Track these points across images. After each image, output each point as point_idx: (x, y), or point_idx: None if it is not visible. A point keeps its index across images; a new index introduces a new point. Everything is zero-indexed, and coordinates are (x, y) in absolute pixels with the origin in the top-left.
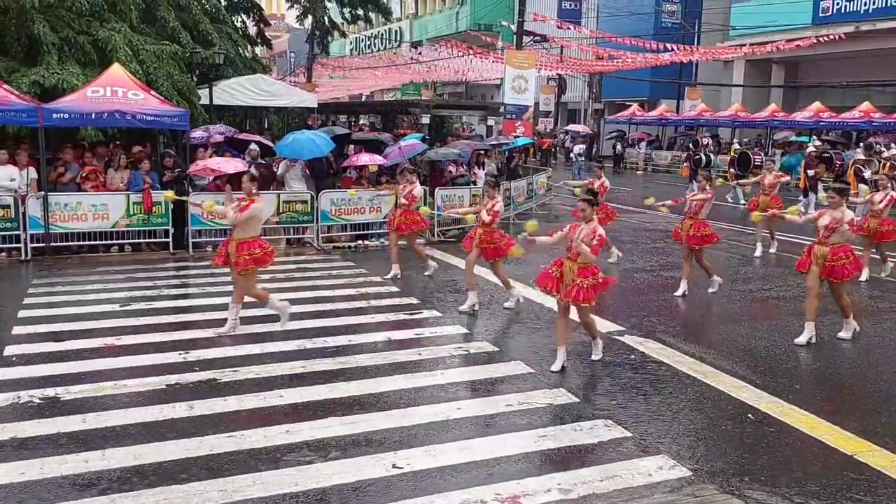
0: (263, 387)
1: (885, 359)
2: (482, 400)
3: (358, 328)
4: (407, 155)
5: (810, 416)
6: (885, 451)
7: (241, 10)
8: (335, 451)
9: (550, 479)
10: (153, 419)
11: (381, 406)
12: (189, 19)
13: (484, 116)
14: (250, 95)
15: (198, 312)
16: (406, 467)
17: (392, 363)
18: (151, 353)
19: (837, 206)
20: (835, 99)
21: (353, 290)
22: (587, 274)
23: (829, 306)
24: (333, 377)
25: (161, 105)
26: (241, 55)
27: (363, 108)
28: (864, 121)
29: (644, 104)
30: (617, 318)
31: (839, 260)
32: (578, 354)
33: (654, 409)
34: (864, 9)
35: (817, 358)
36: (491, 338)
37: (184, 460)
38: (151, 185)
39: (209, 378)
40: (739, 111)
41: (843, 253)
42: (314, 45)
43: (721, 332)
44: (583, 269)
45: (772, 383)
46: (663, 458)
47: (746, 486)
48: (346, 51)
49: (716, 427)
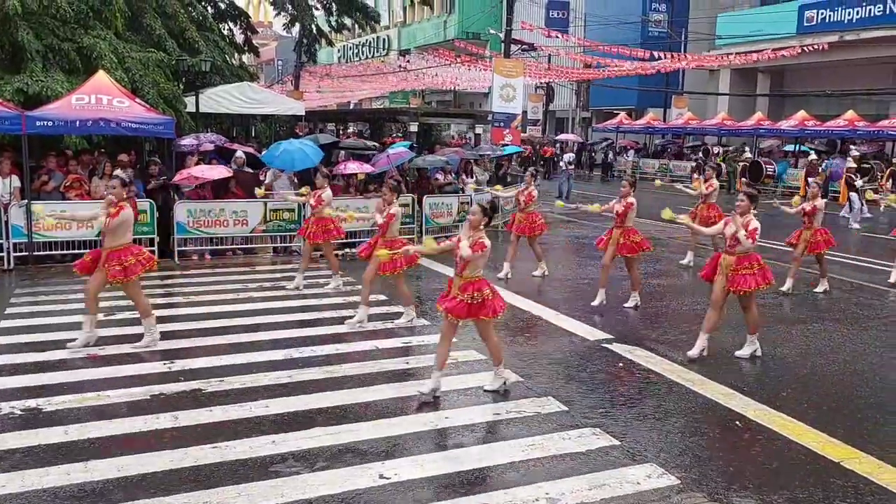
0: (249, 397)
1: (871, 366)
2: (470, 409)
3: (345, 337)
4: (395, 163)
5: (797, 424)
6: (871, 458)
7: (228, 17)
8: (322, 462)
9: (538, 488)
10: (137, 430)
11: (368, 415)
12: (175, 27)
13: (472, 124)
14: (237, 103)
15: (182, 322)
16: (393, 477)
17: (379, 372)
18: (135, 363)
19: (745, 212)
20: (819, 108)
21: (340, 299)
22: (469, 289)
23: (822, 314)
24: (320, 387)
25: (146, 113)
26: (227, 63)
27: (351, 116)
28: (848, 129)
29: (631, 113)
30: (605, 327)
31: (743, 269)
32: (566, 363)
33: (643, 417)
34: (848, 19)
35: (804, 365)
36: (478, 346)
37: (168, 472)
38: (136, 194)
39: (194, 388)
40: (726, 119)
41: (748, 263)
42: (302, 53)
43: (710, 340)
44: (467, 284)
45: (759, 391)
46: (651, 466)
47: (735, 494)
48: (333, 59)
49: (704, 435)
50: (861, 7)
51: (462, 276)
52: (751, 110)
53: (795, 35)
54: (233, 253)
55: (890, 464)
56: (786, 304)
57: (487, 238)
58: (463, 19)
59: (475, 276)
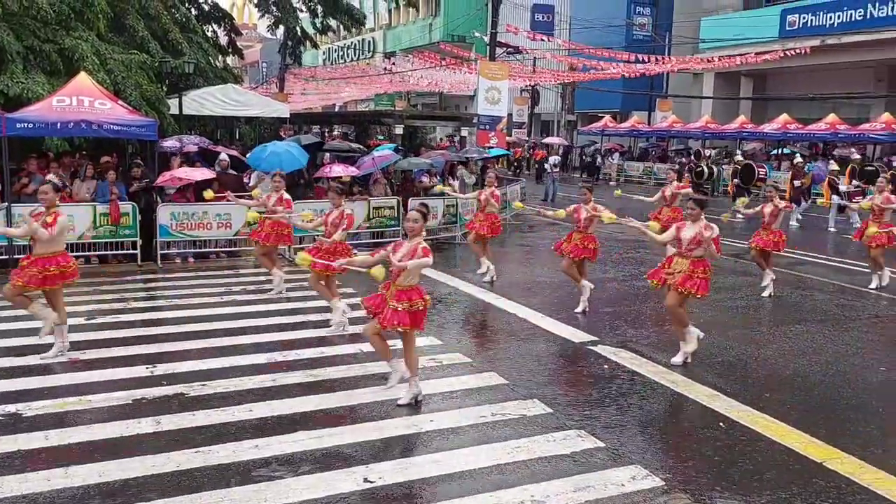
0: (232, 401)
1: (853, 367)
2: (455, 412)
3: (329, 340)
4: (380, 165)
5: (780, 425)
6: (853, 458)
7: (212, 19)
8: (306, 466)
9: (524, 490)
10: (118, 435)
11: (352, 419)
12: (158, 28)
13: (457, 127)
14: (221, 105)
15: (165, 325)
16: (378, 481)
17: (364, 375)
18: (117, 367)
19: (696, 219)
20: (802, 111)
21: (325, 302)
22: (403, 297)
23: (805, 316)
24: (304, 390)
25: (129, 115)
26: (211, 65)
27: (336, 119)
28: (830, 132)
29: (616, 116)
30: (590, 329)
31: (695, 274)
32: (551, 366)
33: (628, 418)
34: (830, 23)
35: (786, 367)
36: (464, 349)
37: (150, 477)
38: (119, 196)
39: (177, 392)
40: (709, 123)
41: (701, 267)
42: (286, 55)
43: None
44: (401, 292)
45: (743, 392)
46: (636, 467)
47: (719, 495)
48: (318, 61)
49: (688, 436)
50: (842, 11)
51: (397, 284)
52: (734, 113)
53: (778, 39)
54: (216, 256)
55: (871, 464)
56: (768, 306)
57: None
58: (448, 22)
59: (411, 283)
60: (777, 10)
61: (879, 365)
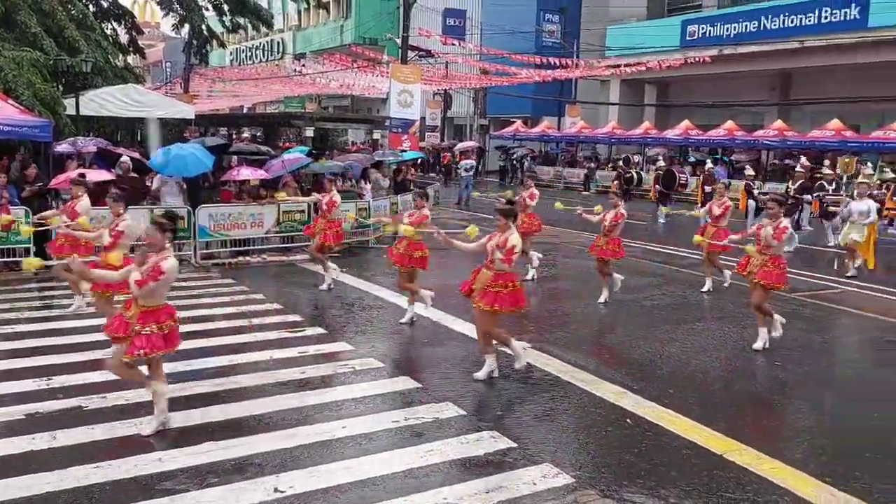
0: (134, 413)
1: (750, 363)
2: (368, 417)
3: (240, 348)
4: (290, 168)
5: (683, 419)
6: (750, 449)
7: (111, 17)
8: (213, 477)
9: (437, 493)
10: (12, 452)
11: (262, 428)
12: (53, 25)
13: (369, 130)
14: (121, 106)
15: (62, 336)
16: (288, 490)
17: (275, 383)
18: (10, 380)
19: (504, 230)
20: (702, 118)
21: (234, 309)
22: (148, 320)
23: (705, 314)
24: (212, 400)
25: (20, 115)
26: (111, 63)
27: (245, 121)
28: (727, 138)
29: (527, 121)
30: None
31: (496, 287)
32: (463, 368)
33: (539, 418)
34: (727, 34)
35: (688, 363)
36: (377, 354)
37: (49, 494)
38: (9, 201)
39: (74, 406)
40: (616, 128)
41: (502, 280)
42: (191, 55)
43: (601, 341)
44: (147, 314)
45: (648, 389)
46: (547, 466)
47: (626, 490)
48: (226, 61)
49: (597, 433)
50: (738, 23)
51: (140, 306)
52: (639, 119)
53: (679, 48)
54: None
55: (768, 454)
56: (671, 305)
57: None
58: (359, 24)
59: (157, 304)
60: (678, 21)
61: (774, 360)
